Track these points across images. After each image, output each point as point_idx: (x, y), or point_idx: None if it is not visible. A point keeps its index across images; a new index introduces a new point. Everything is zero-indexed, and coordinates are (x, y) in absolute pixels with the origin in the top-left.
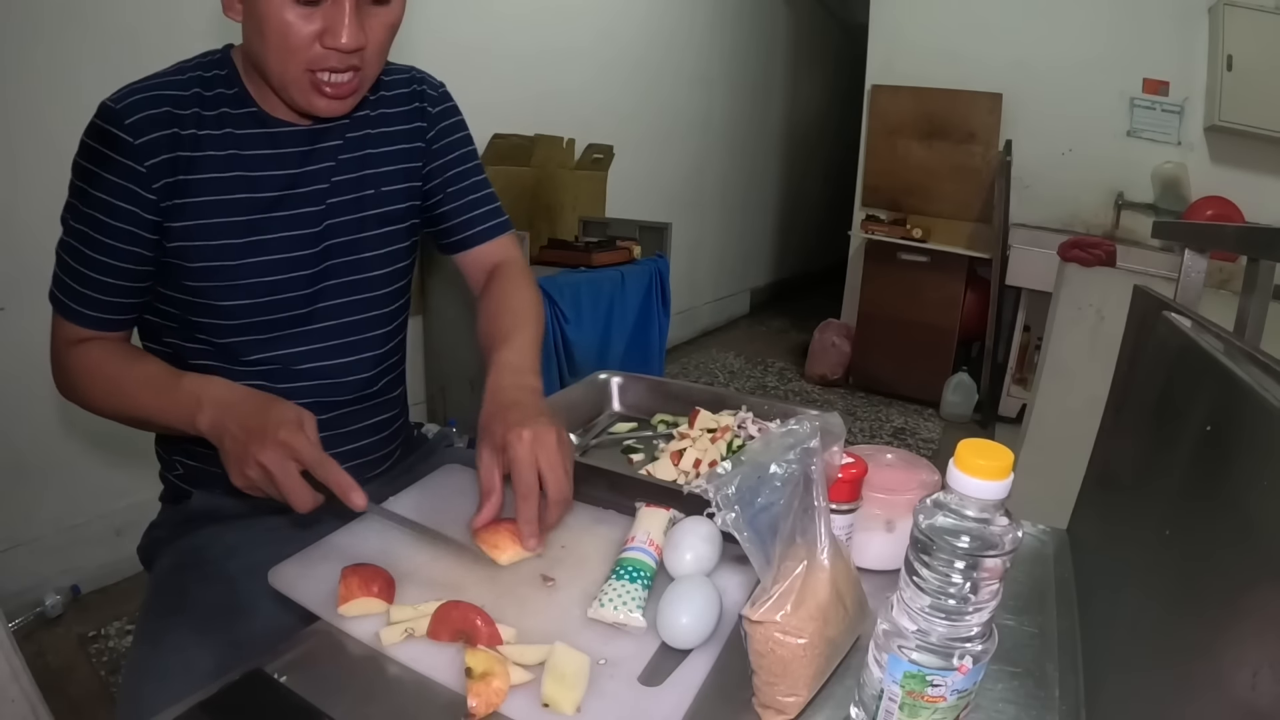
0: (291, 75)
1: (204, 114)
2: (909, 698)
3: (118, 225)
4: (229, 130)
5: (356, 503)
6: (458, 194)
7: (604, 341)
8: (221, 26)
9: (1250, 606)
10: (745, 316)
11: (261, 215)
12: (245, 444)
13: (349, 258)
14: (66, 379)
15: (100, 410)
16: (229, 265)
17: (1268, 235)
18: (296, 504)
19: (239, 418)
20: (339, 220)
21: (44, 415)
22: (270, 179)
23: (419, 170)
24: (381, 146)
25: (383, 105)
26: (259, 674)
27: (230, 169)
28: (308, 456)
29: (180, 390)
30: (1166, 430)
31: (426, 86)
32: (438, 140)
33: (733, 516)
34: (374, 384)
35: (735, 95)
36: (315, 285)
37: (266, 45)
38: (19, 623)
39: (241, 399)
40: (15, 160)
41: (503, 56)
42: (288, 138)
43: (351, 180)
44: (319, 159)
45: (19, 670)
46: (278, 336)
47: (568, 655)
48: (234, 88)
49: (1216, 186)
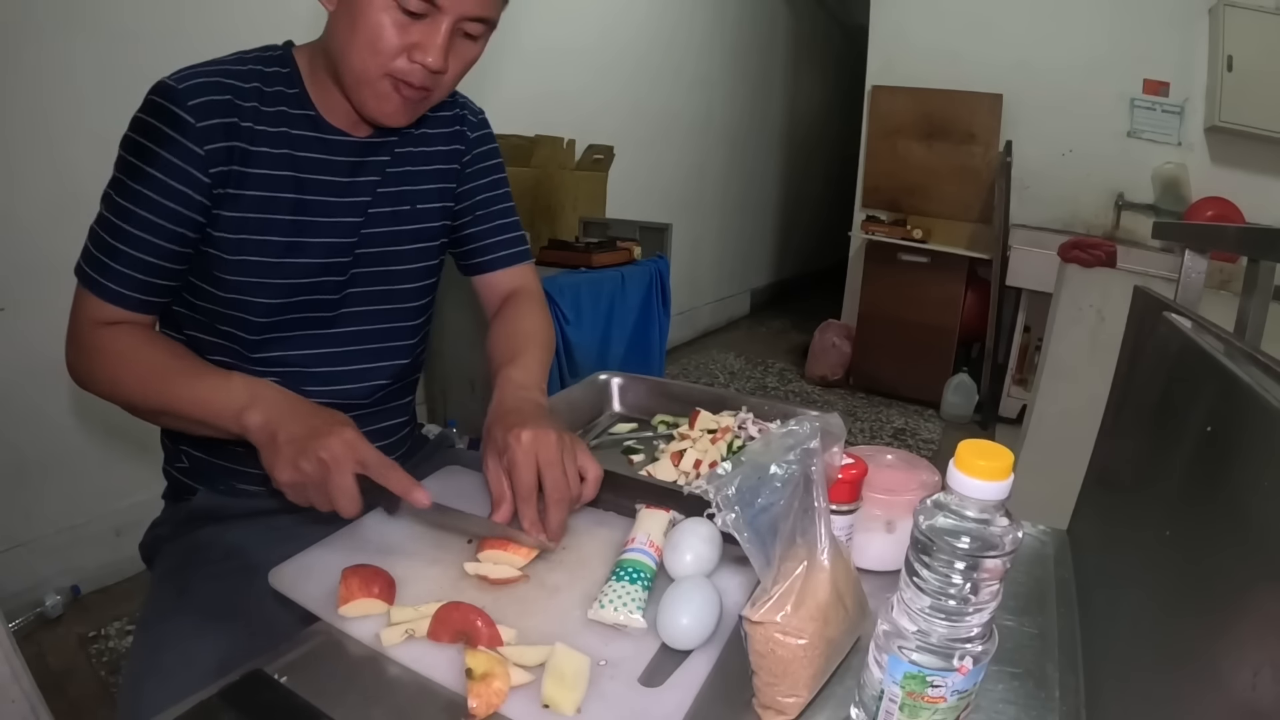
0: (371, 76)
1: (263, 109)
2: (909, 698)
3: (167, 204)
4: (285, 130)
5: (420, 500)
6: (485, 218)
7: (604, 342)
8: (224, 27)
9: (1250, 607)
10: (745, 317)
11: (306, 218)
12: (306, 439)
13: (379, 268)
14: (89, 361)
15: (125, 397)
16: (268, 262)
17: (1268, 235)
18: (344, 505)
19: (299, 416)
20: (375, 231)
21: (44, 415)
22: (319, 183)
23: (452, 191)
24: (422, 165)
25: (426, 125)
26: (259, 674)
27: (282, 168)
28: (372, 457)
29: (231, 383)
30: (1166, 431)
31: (468, 112)
32: (473, 165)
33: (733, 517)
34: (387, 390)
35: (735, 95)
36: (343, 291)
37: (355, 40)
38: (19, 623)
39: (297, 401)
40: (14, 161)
41: (503, 56)
42: (340, 146)
43: (392, 194)
44: (367, 171)
45: (19, 671)
46: (301, 336)
47: (568, 656)
48: (295, 88)
49: (1216, 187)
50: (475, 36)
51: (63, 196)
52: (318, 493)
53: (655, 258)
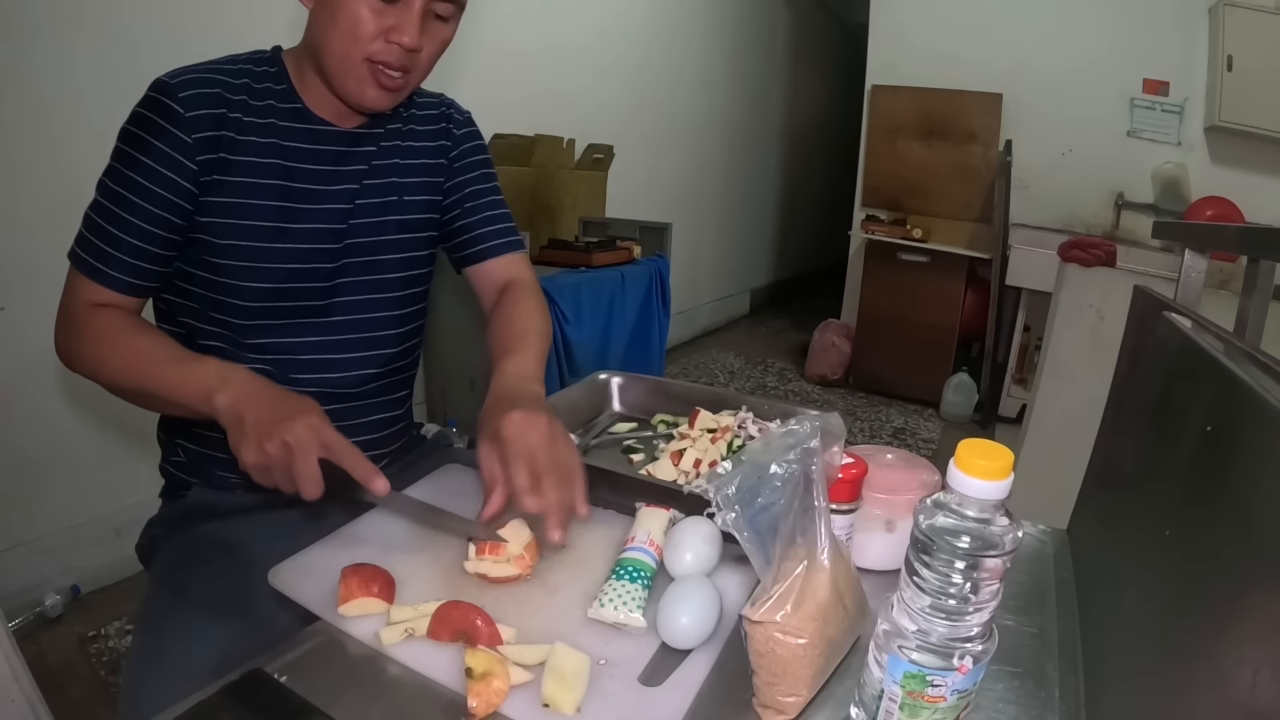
0: (352, 63)
1: (251, 102)
2: (909, 698)
3: (157, 190)
4: (273, 120)
5: (379, 488)
6: (474, 209)
7: (604, 342)
8: (220, 28)
9: (1250, 607)
10: (745, 316)
11: (293, 205)
12: (271, 422)
13: (368, 258)
14: (78, 342)
15: (108, 376)
16: (256, 247)
17: (1268, 235)
18: (306, 488)
19: (266, 400)
20: (362, 221)
21: (44, 414)
22: (306, 172)
23: (440, 185)
24: (408, 159)
25: (413, 122)
26: (259, 674)
27: (269, 156)
28: (335, 440)
29: (205, 366)
30: (1166, 430)
31: (454, 111)
32: (460, 160)
33: (733, 516)
34: (379, 381)
35: (735, 95)
36: (334, 280)
37: (335, 32)
38: (19, 623)
39: (266, 385)
40: (15, 161)
41: (503, 56)
42: (327, 136)
43: (379, 185)
44: (353, 161)
45: (19, 670)
46: (292, 324)
47: (568, 655)
48: (282, 84)
49: (1216, 186)
50: (445, 18)
51: (64, 196)
52: (282, 475)
53: (655, 257)
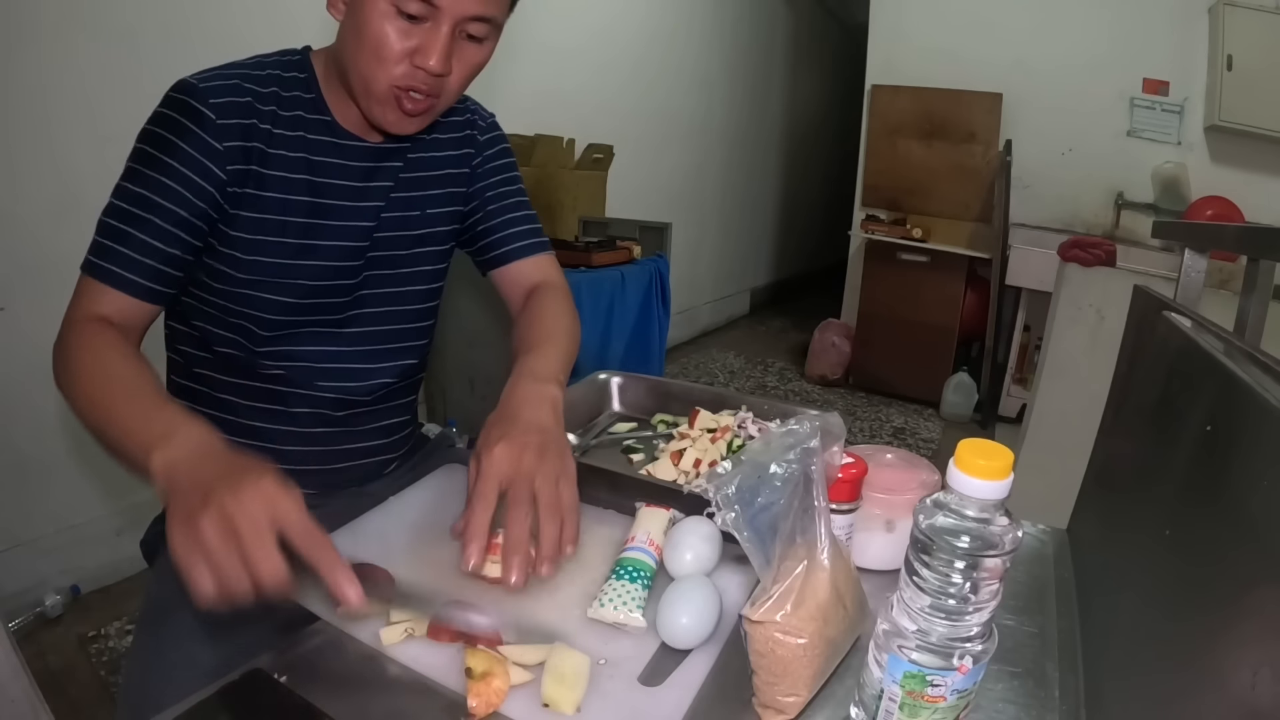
0: (377, 86)
1: (280, 113)
2: (909, 698)
3: (181, 192)
4: (302, 134)
5: (350, 598)
6: (498, 211)
7: (604, 341)
8: (220, 28)
9: (1250, 607)
10: (745, 316)
11: (319, 221)
12: (207, 488)
13: (388, 271)
14: (62, 358)
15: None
16: (282, 264)
17: (1268, 235)
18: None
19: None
20: (386, 235)
21: (45, 415)
22: (333, 187)
23: (462, 195)
24: (433, 170)
25: (438, 130)
26: (259, 674)
27: (298, 171)
28: (295, 520)
29: (160, 414)
30: (1166, 430)
31: (478, 117)
32: (483, 165)
33: (733, 516)
34: (392, 389)
35: (735, 95)
36: (354, 294)
37: (361, 51)
38: (19, 623)
39: (222, 449)
40: (15, 161)
41: (503, 56)
42: (355, 152)
43: (404, 200)
44: (381, 177)
45: (19, 670)
46: (310, 334)
47: (568, 655)
48: (311, 93)
49: (1216, 186)
50: (480, 38)
51: (64, 196)
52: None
53: (655, 257)
